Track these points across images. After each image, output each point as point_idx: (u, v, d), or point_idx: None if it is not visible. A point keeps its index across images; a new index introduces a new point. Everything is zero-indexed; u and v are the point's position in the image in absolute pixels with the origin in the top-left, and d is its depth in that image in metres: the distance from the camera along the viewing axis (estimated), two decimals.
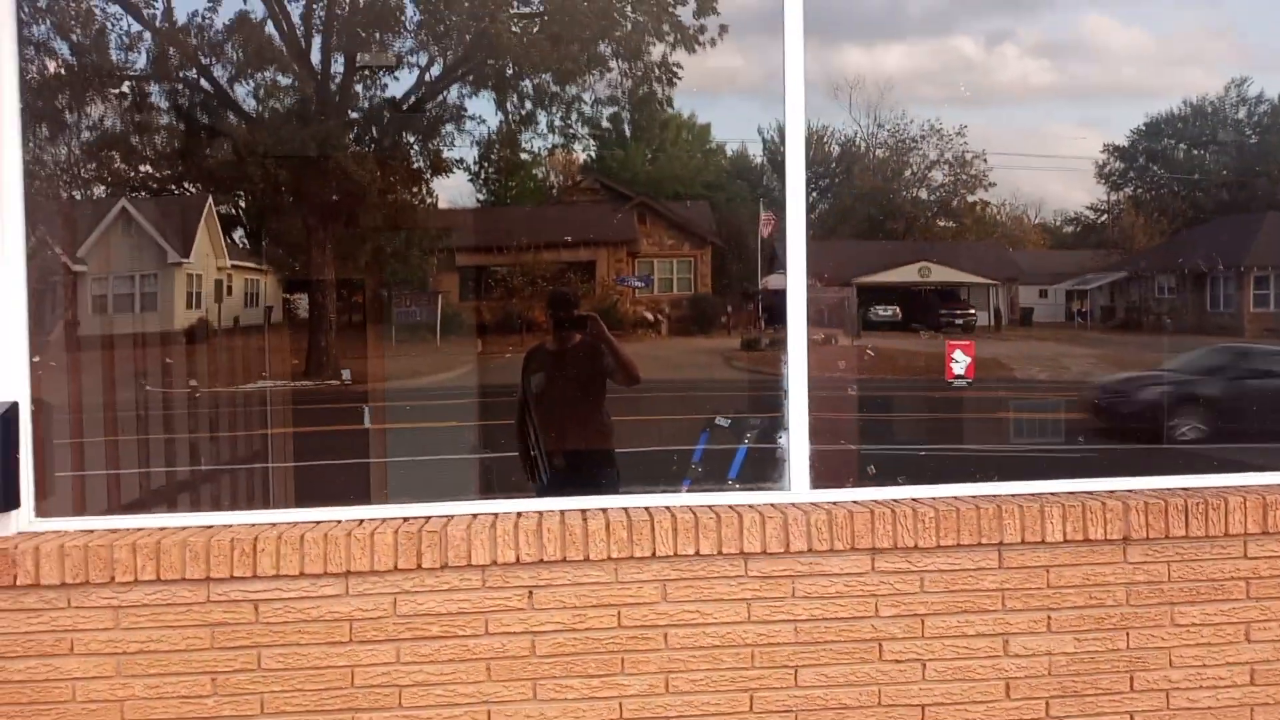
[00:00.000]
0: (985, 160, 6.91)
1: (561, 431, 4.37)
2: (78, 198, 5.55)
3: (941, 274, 7.47)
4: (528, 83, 6.19)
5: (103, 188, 5.84)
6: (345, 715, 3.08)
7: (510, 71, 6.14)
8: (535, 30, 6.10)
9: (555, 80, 6.17)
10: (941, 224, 7.66)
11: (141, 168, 6.18)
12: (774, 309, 5.74)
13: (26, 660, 2.96)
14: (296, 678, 3.06)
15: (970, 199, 7.30)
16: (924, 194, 7.38)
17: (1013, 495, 3.42)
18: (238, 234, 6.78)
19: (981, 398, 5.71)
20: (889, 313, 7.27)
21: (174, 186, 6.49)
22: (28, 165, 3.14)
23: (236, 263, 6.51)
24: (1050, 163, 6.82)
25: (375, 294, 6.74)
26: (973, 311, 7.38)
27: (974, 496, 3.41)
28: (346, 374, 5.94)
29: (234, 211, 6.74)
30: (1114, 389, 6.20)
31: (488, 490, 5.34)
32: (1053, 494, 3.43)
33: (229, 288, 6.55)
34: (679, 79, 6.10)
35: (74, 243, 5.23)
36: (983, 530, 3.27)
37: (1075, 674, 3.31)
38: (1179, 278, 6.86)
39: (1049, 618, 3.31)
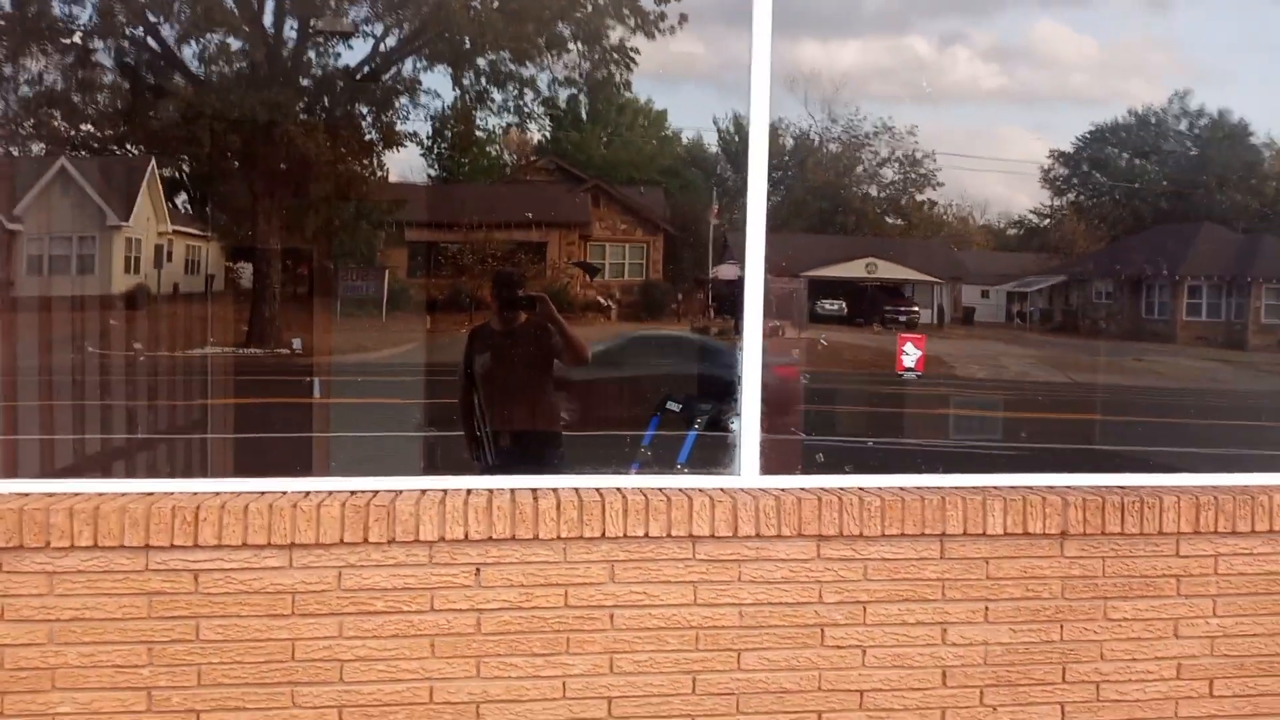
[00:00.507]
0: (935, 160, 7.00)
1: (507, 411, 4.35)
2: (15, 154, 5.39)
3: (888, 270, 7.55)
4: (483, 60, 6.12)
5: (42, 145, 5.68)
6: (284, 688, 3.05)
7: (466, 47, 6.07)
8: (494, 6, 6.04)
9: (512, 59, 6.12)
10: (890, 221, 7.76)
11: (83, 126, 6.02)
12: (724, 298, 5.79)
13: None
14: (236, 649, 3.02)
15: (919, 198, 7.39)
16: (874, 191, 7.46)
17: (956, 487, 3.48)
18: (181, 199, 6.62)
19: (923, 393, 5.81)
20: (835, 306, 7.33)
21: (116, 147, 6.32)
22: None
23: (178, 228, 6.35)
24: (997, 165, 6.94)
25: (322, 266, 6.63)
26: (916, 309, 7.48)
27: (919, 487, 3.47)
28: (298, 343, 5.85)
29: (178, 176, 6.58)
30: None
31: (431, 467, 5.31)
32: (995, 487, 3.50)
33: (169, 253, 6.39)
34: (636, 64, 6.09)
35: (10, 201, 5.08)
36: (926, 521, 3.32)
37: (1010, 664, 3.39)
38: (1116, 284, 7.03)
39: (987, 608, 3.38)
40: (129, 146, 6.31)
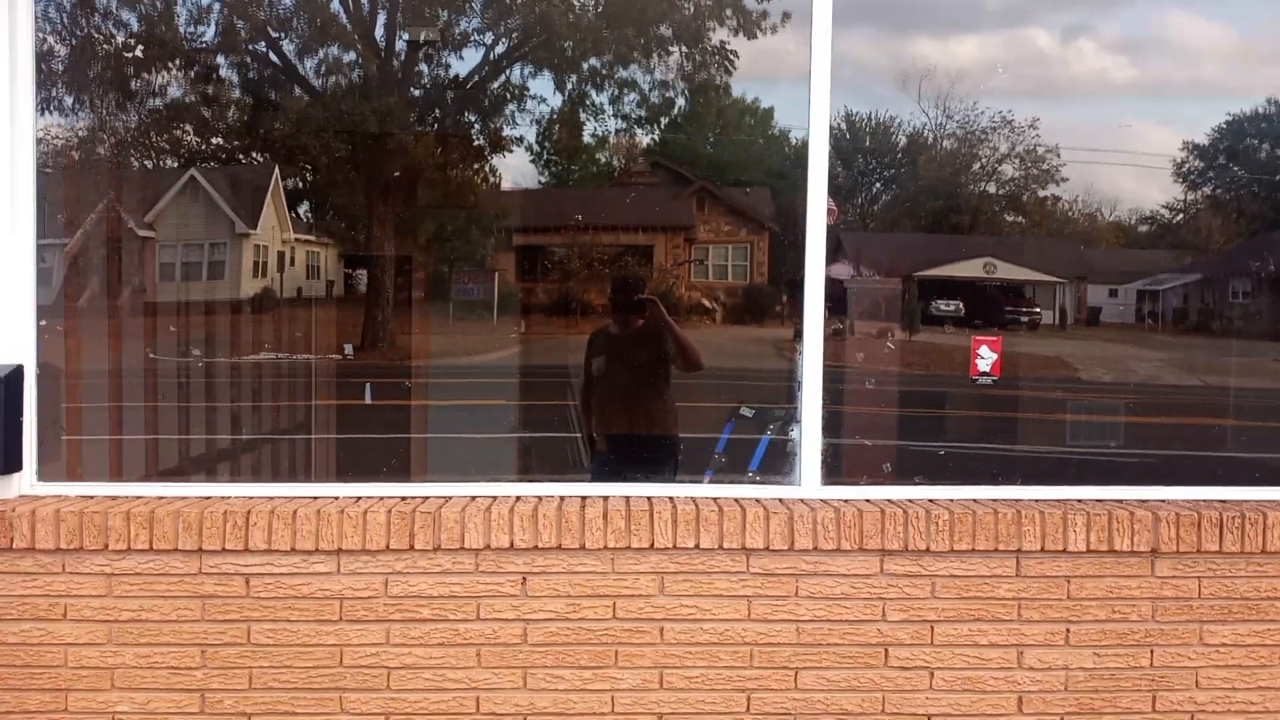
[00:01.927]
0: (1059, 155, 6.64)
1: (621, 414, 4.32)
2: (149, 166, 5.67)
3: (1008, 270, 7.19)
4: (585, 64, 6.12)
5: (172, 158, 5.95)
6: (332, 694, 3.07)
7: (570, 53, 6.08)
8: (597, 9, 6.03)
9: (614, 62, 6.10)
10: (1010, 219, 7.39)
11: (212, 139, 6.29)
12: (833, 299, 5.57)
13: (21, 623, 3.01)
14: (285, 654, 3.06)
15: (1041, 194, 7.02)
16: (993, 188, 7.12)
17: (1034, 500, 3.24)
18: (302, 207, 6.85)
19: (1036, 398, 5.50)
20: (951, 308, 7.04)
21: (242, 157, 6.59)
22: (92, 134, 3.17)
23: (299, 236, 6.58)
24: (1126, 159, 6.51)
25: (434, 270, 6.75)
26: (1038, 309, 7.10)
27: (993, 500, 3.25)
28: (349, 349, 5.95)
29: (299, 185, 6.81)
30: None
31: (526, 471, 5.32)
32: (1078, 501, 3.25)
33: (291, 259, 6.63)
34: (735, 67, 5.98)
35: (143, 210, 5.35)
36: (1000, 536, 3.11)
37: (1094, 691, 3.14)
38: (1255, 281, 6.49)
39: (1068, 630, 3.14)
40: (254, 157, 6.57)
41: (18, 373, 3.04)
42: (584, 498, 3.20)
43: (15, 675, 3.00)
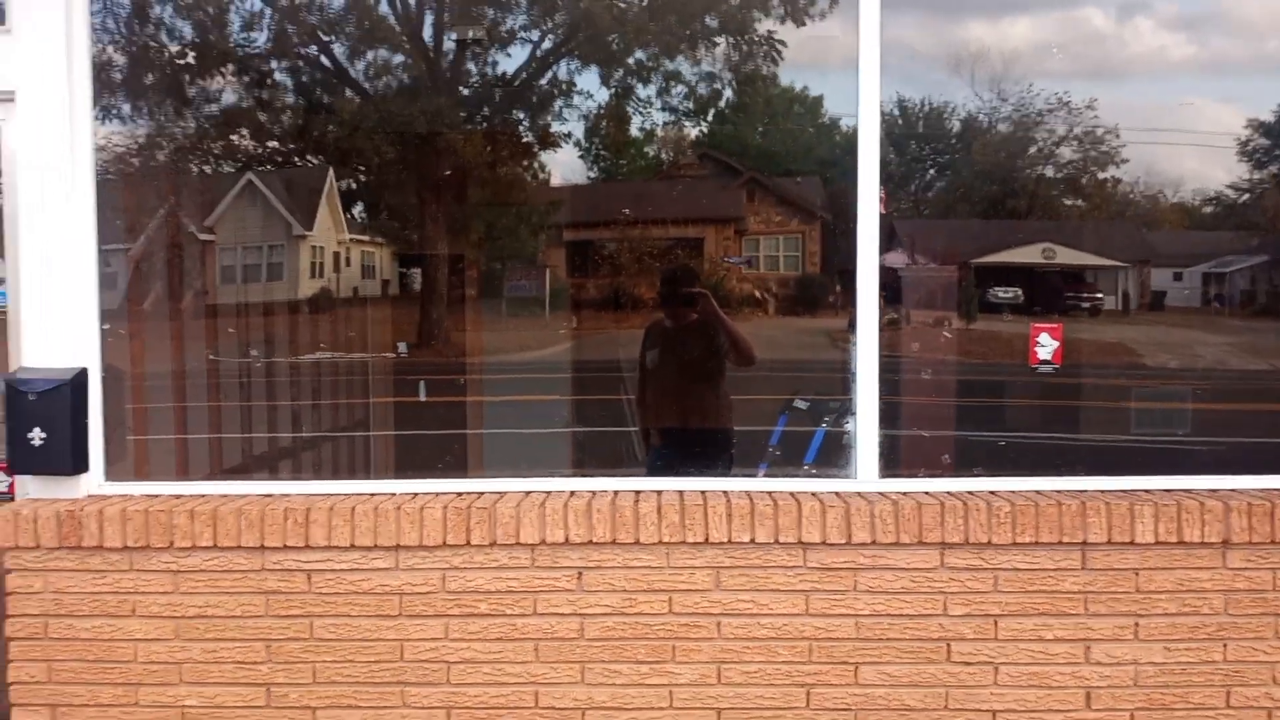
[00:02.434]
0: (1118, 136, 6.48)
1: (676, 408, 4.32)
2: (206, 171, 5.77)
3: (1067, 255, 7.05)
4: (634, 58, 6.10)
5: (229, 162, 6.05)
6: (394, 688, 3.10)
7: (615, 46, 6.06)
8: (642, 3, 6.01)
9: (660, 54, 6.07)
10: (1068, 203, 7.23)
11: (267, 143, 6.38)
12: (887, 287, 5.49)
13: (93, 619, 3.07)
14: (347, 648, 3.10)
15: (1101, 176, 6.86)
16: (1050, 171, 6.97)
17: (1100, 491, 3.17)
18: (356, 208, 6.93)
19: (1098, 385, 5.38)
20: (1009, 295, 6.91)
21: (297, 160, 6.67)
22: (150, 140, 3.23)
23: (354, 236, 6.66)
24: (1188, 138, 6.34)
25: (486, 268, 6.79)
26: (1100, 295, 6.95)
27: (1056, 491, 3.18)
28: (403, 347, 6.00)
29: (352, 186, 6.89)
30: None
31: (580, 466, 5.33)
32: (1145, 491, 3.17)
33: (347, 259, 6.71)
34: (783, 56, 5.92)
35: (203, 215, 5.45)
36: (1064, 528, 3.04)
37: (1164, 686, 3.06)
38: None
39: (1136, 624, 3.06)
40: (308, 159, 6.66)
41: (82, 376, 3.10)
42: (638, 492, 3.20)
43: (89, 670, 3.07)
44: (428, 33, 6.25)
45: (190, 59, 5.20)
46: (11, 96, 3.11)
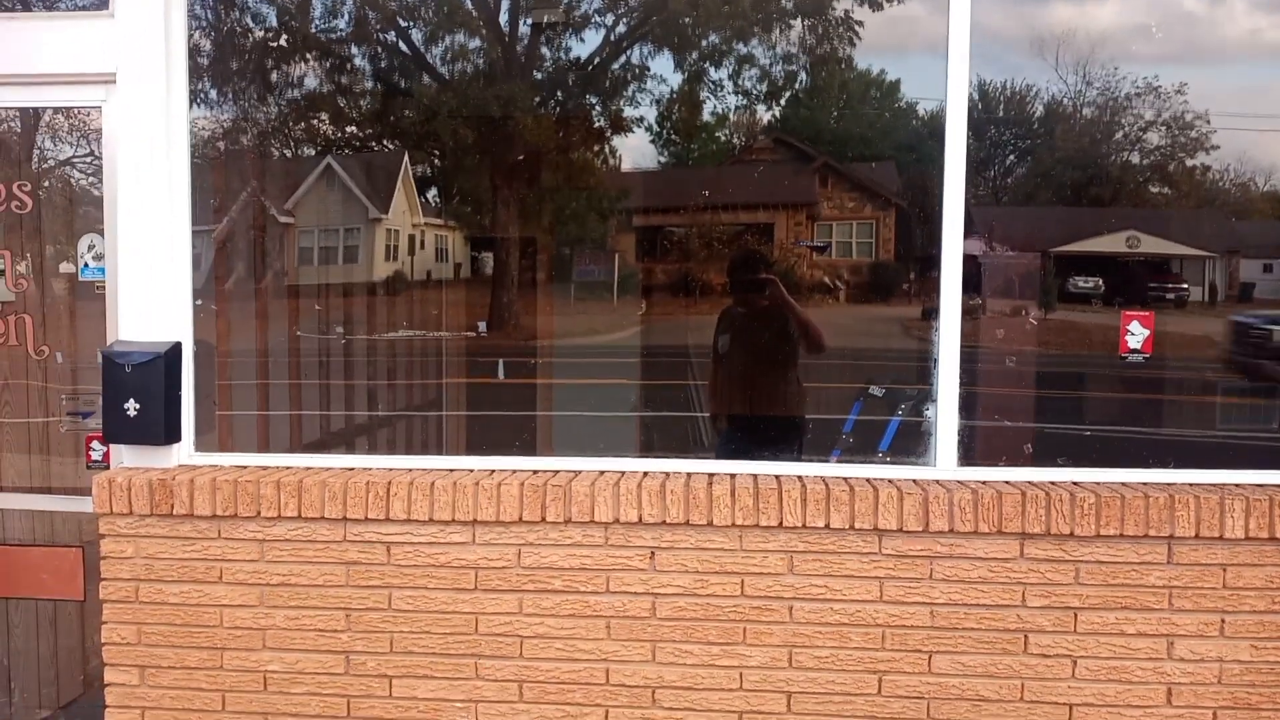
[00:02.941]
0: (1208, 121, 6.28)
1: (747, 393, 4.31)
2: (287, 154, 5.89)
3: (1151, 244, 6.85)
4: (707, 41, 6.07)
5: (309, 146, 6.17)
6: (468, 660, 3.15)
7: (689, 29, 6.04)
8: None
9: (733, 37, 6.03)
10: (1155, 190, 7.03)
11: (345, 128, 6.49)
12: (965, 275, 5.42)
13: (181, 585, 3.18)
14: (424, 620, 3.15)
15: (1189, 163, 6.65)
16: (1136, 158, 6.78)
17: (1189, 484, 3.09)
18: (430, 192, 7.02)
19: (1184, 378, 5.25)
20: (1090, 285, 6.75)
21: (374, 144, 6.77)
22: (235, 123, 3.33)
23: (429, 220, 6.75)
24: None
25: (556, 252, 6.83)
26: (1185, 285, 6.75)
27: (1143, 484, 3.11)
28: (483, 326, 6.06)
29: (427, 170, 6.98)
30: None
31: (648, 448, 5.35)
32: (1236, 485, 3.08)
33: (421, 243, 6.80)
34: (860, 38, 5.84)
35: (284, 197, 5.58)
36: (1150, 521, 2.97)
37: (1250, 685, 2.98)
38: None
39: (1223, 621, 2.99)
40: (385, 144, 6.76)
41: (176, 349, 3.20)
42: (711, 475, 3.20)
43: (176, 634, 3.18)
44: (503, 17, 6.29)
45: (276, 44, 5.31)
46: (113, 78, 3.21)
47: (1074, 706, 3.04)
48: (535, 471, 3.24)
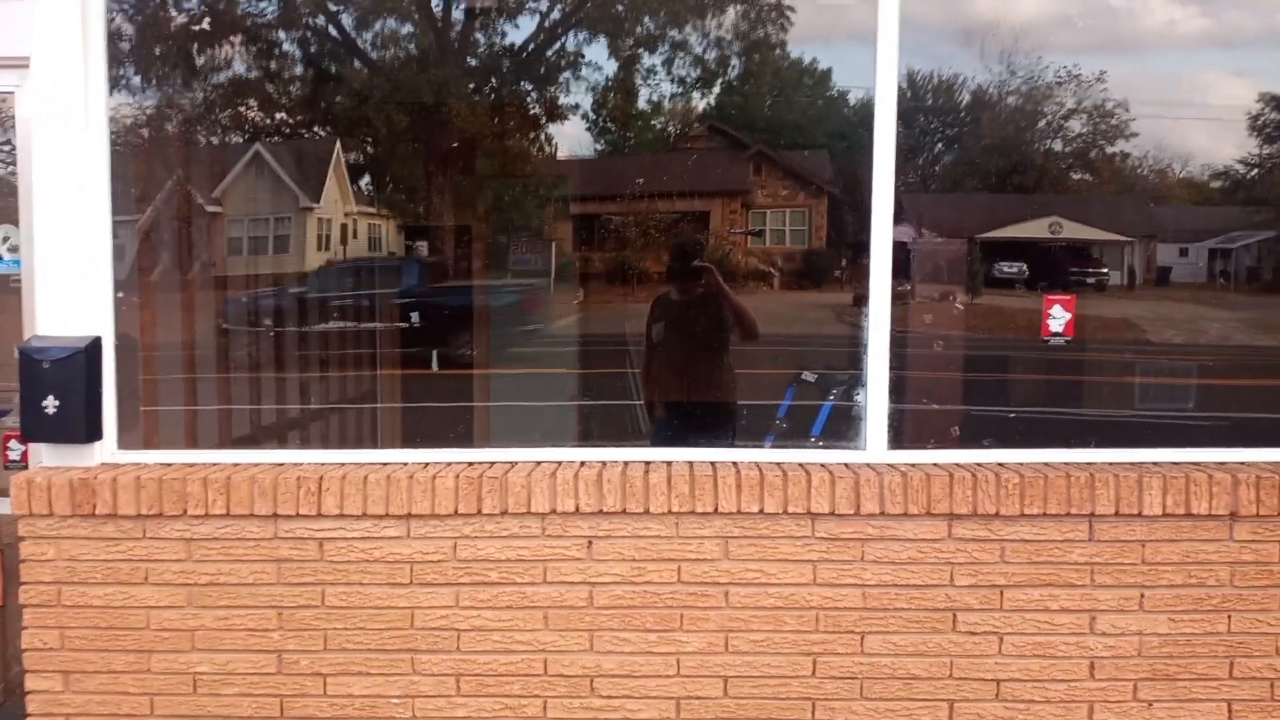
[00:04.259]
0: (1127, 109, 6.44)
1: (681, 380, 4.32)
2: (214, 142, 5.76)
3: (1073, 230, 7.01)
4: (641, 27, 6.06)
5: (237, 133, 6.04)
6: (404, 655, 3.13)
7: (623, 15, 6.03)
8: None
9: (667, 24, 6.03)
10: (1076, 177, 7.19)
11: (275, 114, 6.37)
12: (894, 261, 5.50)
13: (105, 587, 3.10)
14: (359, 616, 3.12)
15: (1109, 151, 6.81)
16: (1059, 145, 6.93)
17: (1109, 464, 3.18)
18: (363, 181, 6.92)
19: (1104, 360, 5.40)
20: (1015, 269, 6.90)
21: (304, 132, 6.65)
22: (159, 110, 3.24)
23: (361, 208, 6.66)
24: (1198, 113, 6.30)
25: (492, 241, 6.79)
26: (1105, 270, 6.93)
27: (1065, 464, 3.19)
28: (415, 316, 6.01)
29: (359, 158, 6.87)
30: None
31: (586, 437, 5.35)
32: (1154, 464, 3.18)
33: (354, 232, 6.71)
34: (791, 23, 5.87)
35: (210, 186, 5.46)
36: (1072, 500, 3.06)
37: (1168, 656, 3.08)
38: None
39: (1142, 595, 3.09)
40: (316, 131, 6.64)
41: (96, 344, 3.11)
42: (648, 463, 3.21)
43: (101, 637, 3.10)
44: (436, 3, 6.22)
45: (200, 28, 5.17)
46: (26, 63, 3.10)
47: (1001, 682, 3.12)
48: (471, 464, 3.22)
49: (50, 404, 3.04)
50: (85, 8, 3.12)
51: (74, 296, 3.13)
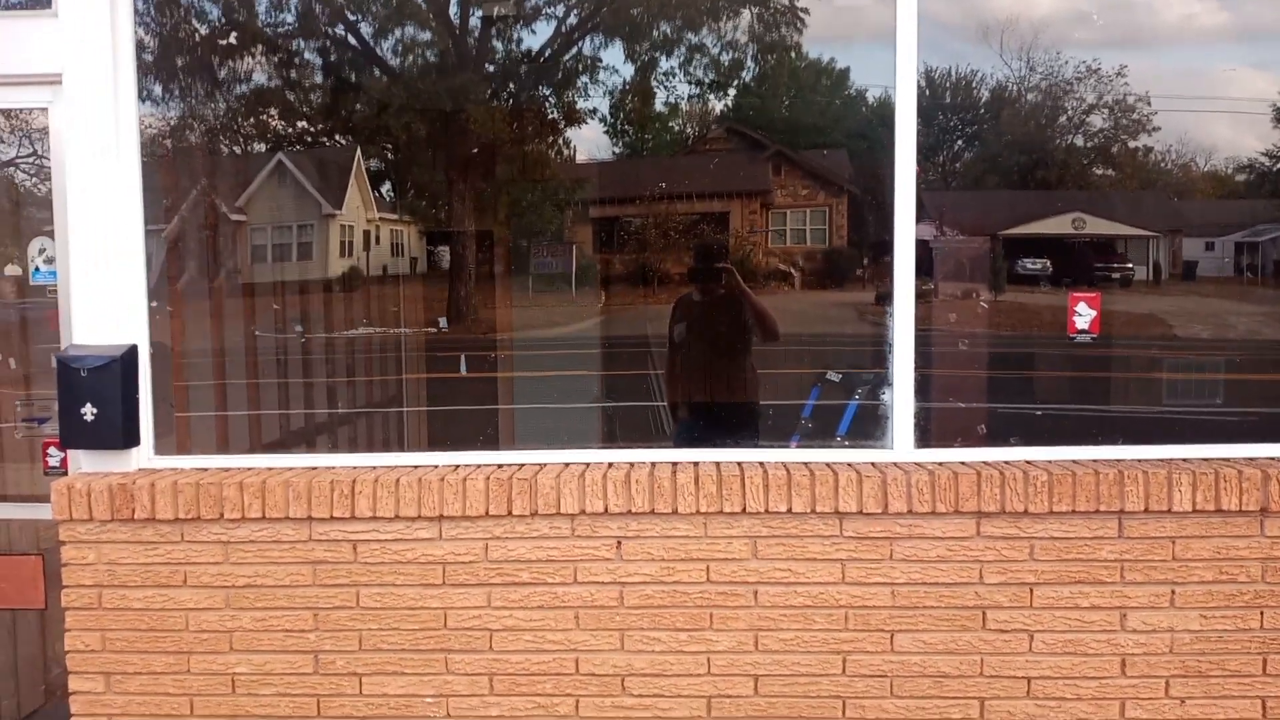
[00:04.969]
0: (1149, 103, 6.42)
1: (702, 382, 4.34)
2: (237, 151, 5.82)
3: (1097, 225, 6.99)
4: (657, 30, 6.09)
5: (260, 143, 6.10)
6: (438, 655, 3.17)
7: (639, 19, 6.05)
8: None
9: (683, 27, 6.05)
10: (1099, 172, 7.16)
11: (296, 123, 6.43)
12: (917, 260, 5.50)
13: (144, 590, 3.15)
14: (393, 617, 3.16)
15: (1131, 145, 6.79)
16: (1080, 140, 6.91)
17: (1138, 460, 3.19)
18: (384, 187, 6.97)
19: (1131, 356, 5.37)
20: (1038, 266, 6.88)
21: (326, 140, 6.71)
22: (183, 121, 3.31)
23: (383, 215, 6.71)
24: (1221, 106, 6.27)
25: (513, 245, 6.82)
26: (1130, 265, 6.89)
27: (1093, 460, 3.20)
28: (443, 322, 6.05)
29: (380, 165, 6.93)
30: None
31: (610, 439, 5.36)
32: (1183, 460, 3.18)
33: (377, 238, 6.76)
34: (806, 25, 5.89)
35: (234, 195, 5.51)
36: (1101, 496, 3.06)
37: (1200, 653, 3.08)
38: None
39: (1173, 592, 3.09)
40: (337, 139, 6.69)
41: (132, 352, 3.17)
42: (675, 463, 3.24)
43: (141, 639, 3.16)
44: (454, 9, 6.26)
45: (223, 40, 5.24)
46: (59, 79, 3.16)
47: (1032, 680, 3.13)
48: (500, 466, 3.26)
49: (89, 411, 3.10)
50: (115, 24, 3.18)
51: (109, 306, 3.19)
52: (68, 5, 3.13)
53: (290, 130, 6.38)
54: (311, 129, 6.56)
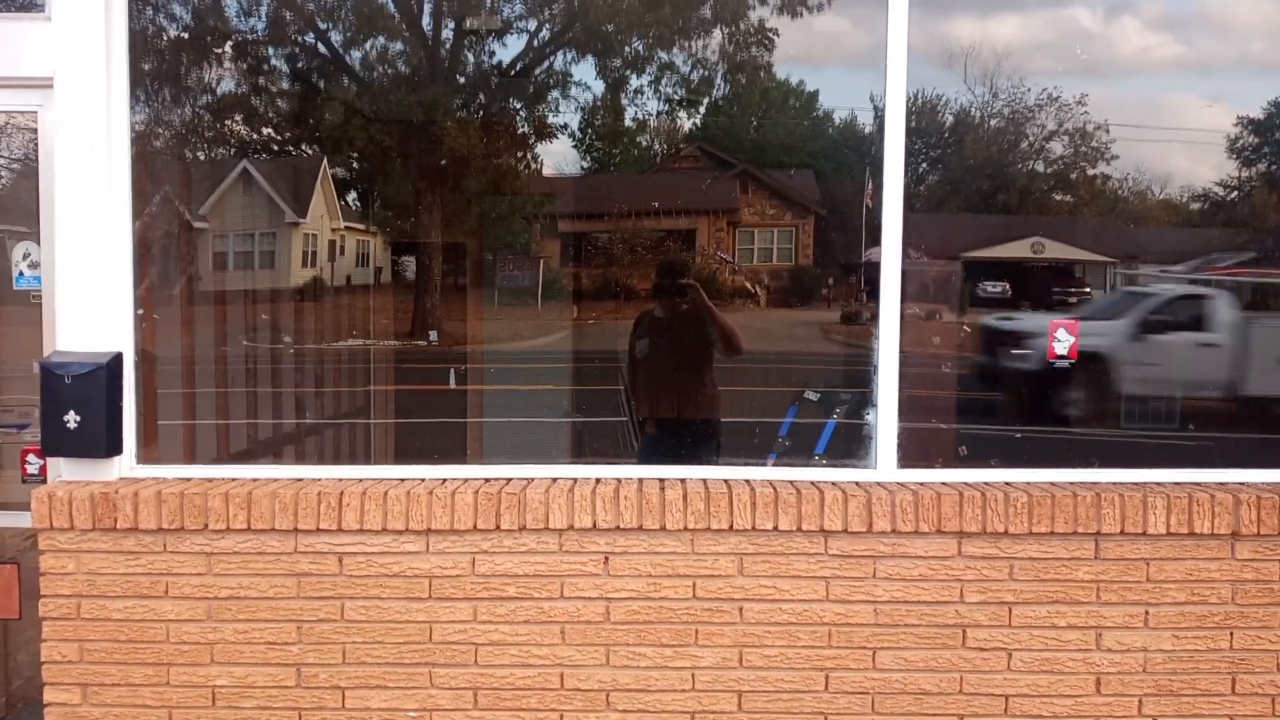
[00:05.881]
0: (1107, 131, 6.59)
1: (665, 397, 4.36)
2: (201, 158, 5.75)
3: (1056, 250, 7.15)
4: (629, 48, 6.13)
5: (225, 149, 6.03)
6: (423, 669, 3.15)
7: (611, 36, 6.09)
8: None
9: (654, 45, 6.10)
10: (1058, 198, 7.34)
11: (263, 130, 6.37)
12: (876, 282, 5.60)
13: (125, 600, 3.10)
14: (377, 630, 3.14)
15: (1090, 172, 6.97)
16: (1040, 166, 7.08)
17: (1114, 484, 3.26)
18: (350, 196, 6.92)
19: (1086, 380, 5.49)
20: (998, 289, 7.02)
21: (291, 149, 6.65)
22: (149, 127, 3.31)
23: (349, 224, 6.66)
24: (1177, 136, 6.47)
25: (480, 257, 6.81)
26: (1088, 290, 7.06)
27: (1071, 483, 3.27)
28: (434, 335, 6.04)
29: (347, 174, 6.88)
30: None
31: (579, 454, 5.37)
32: (1157, 484, 3.27)
33: (341, 248, 6.71)
34: (776, 46, 5.96)
35: (196, 202, 5.44)
36: (1079, 518, 3.13)
37: (1172, 673, 3.17)
38: None
39: (1147, 613, 3.17)
40: (304, 148, 6.64)
41: (117, 360, 3.12)
42: (662, 480, 3.26)
43: (120, 650, 3.10)
44: (426, 21, 6.26)
45: (193, 46, 5.18)
46: (49, 83, 3.11)
47: (1009, 697, 3.19)
48: (488, 480, 3.25)
49: (71, 419, 3.05)
50: (109, 28, 3.14)
51: (95, 313, 3.14)
52: (60, 8, 3.09)
53: (256, 137, 6.32)
54: (278, 136, 6.51)
